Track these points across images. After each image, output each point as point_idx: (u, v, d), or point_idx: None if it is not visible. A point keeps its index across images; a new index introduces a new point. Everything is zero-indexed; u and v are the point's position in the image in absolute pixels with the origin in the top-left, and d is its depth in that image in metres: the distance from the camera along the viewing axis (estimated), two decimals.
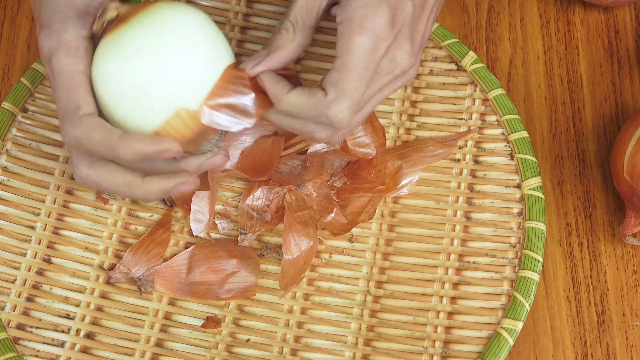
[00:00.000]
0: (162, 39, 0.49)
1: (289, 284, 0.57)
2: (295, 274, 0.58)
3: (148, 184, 0.52)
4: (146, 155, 0.49)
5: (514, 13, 0.69)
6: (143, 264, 0.59)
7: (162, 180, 0.52)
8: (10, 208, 0.61)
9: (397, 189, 0.61)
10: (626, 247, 0.61)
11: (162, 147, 0.49)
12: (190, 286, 0.59)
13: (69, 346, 0.58)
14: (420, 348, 0.57)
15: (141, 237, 0.60)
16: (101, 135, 0.50)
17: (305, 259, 0.58)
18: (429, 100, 0.64)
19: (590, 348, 0.59)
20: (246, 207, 0.60)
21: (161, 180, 0.52)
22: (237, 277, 0.59)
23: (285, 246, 0.57)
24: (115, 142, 0.49)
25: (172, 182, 0.52)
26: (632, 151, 0.59)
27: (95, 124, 0.50)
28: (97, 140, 0.50)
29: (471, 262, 0.59)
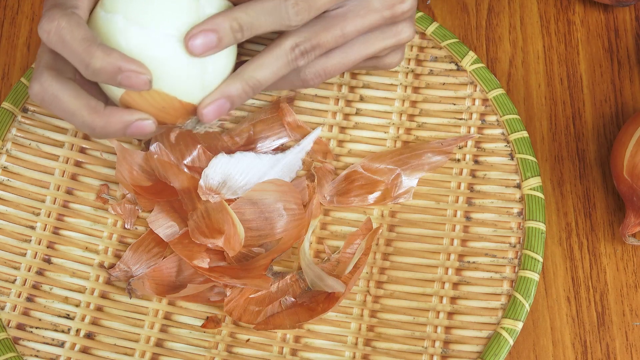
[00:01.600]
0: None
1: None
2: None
3: (110, 111, 0.49)
4: (120, 70, 0.47)
5: (514, 13, 0.69)
6: (144, 262, 0.59)
7: (125, 111, 0.49)
8: (10, 208, 0.61)
9: (394, 197, 0.61)
10: (626, 247, 0.61)
11: (139, 68, 0.47)
12: (180, 289, 0.58)
13: (69, 346, 0.58)
14: (420, 348, 0.57)
15: (141, 235, 0.60)
16: (85, 34, 0.47)
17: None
18: (429, 100, 0.64)
19: (590, 348, 0.59)
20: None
21: (124, 112, 0.49)
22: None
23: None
24: (96, 45, 0.47)
25: (134, 115, 0.49)
26: (632, 151, 0.59)
27: (84, 24, 0.48)
28: (79, 36, 0.47)
29: (471, 262, 0.59)
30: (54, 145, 0.63)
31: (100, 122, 0.49)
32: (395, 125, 0.63)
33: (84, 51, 0.47)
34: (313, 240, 0.61)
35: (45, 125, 0.63)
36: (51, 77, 0.49)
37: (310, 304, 0.58)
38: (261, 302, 0.58)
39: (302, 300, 0.58)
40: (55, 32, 0.47)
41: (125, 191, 0.61)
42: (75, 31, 0.47)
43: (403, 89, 0.64)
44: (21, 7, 0.70)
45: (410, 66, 0.65)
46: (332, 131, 0.64)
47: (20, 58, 0.68)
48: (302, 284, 0.59)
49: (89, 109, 0.49)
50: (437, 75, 0.65)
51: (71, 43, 0.47)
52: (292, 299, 0.58)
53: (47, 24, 0.47)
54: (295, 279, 0.59)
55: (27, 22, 0.69)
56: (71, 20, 0.47)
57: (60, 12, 0.48)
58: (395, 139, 0.63)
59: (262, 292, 0.58)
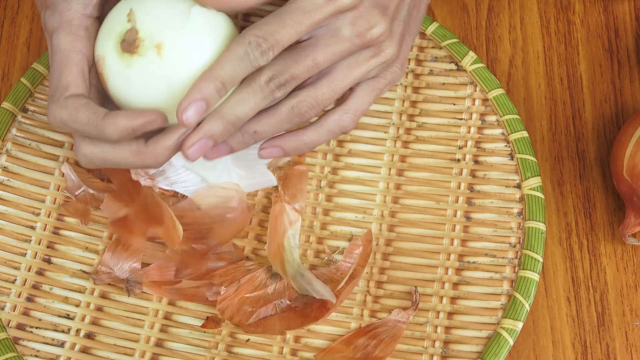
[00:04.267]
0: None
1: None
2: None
3: (153, 145, 0.50)
4: (133, 130, 0.48)
5: (514, 13, 0.69)
6: (124, 261, 0.59)
7: (166, 136, 0.50)
8: (10, 208, 0.61)
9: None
10: (626, 247, 0.61)
11: (148, 118, 0.48)
12: (178, 288, 0.59)
13: (69, 346, 0.58)
14: (420, 348, 0.57)
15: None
16: (87, 115, 0.49)
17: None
18: (429, 100, 0.64)
19: (590, 348, 0.59)
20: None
21: (164, 137, 0.50)
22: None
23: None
24: (101, 122, 0.48)
25: (174, 135, 0.50)
26: (632, 151, 0.59)
27: (80, 104, 0.49)
28: (83, 121, 0.49)
29: (471, 262, 0.59)
30: (54, 145, 0.63)
31: (150, 160, 0.50)
32: (395, 125, 0.63)
33: (95, 132, 0.49)
34: (313, 241, 0.61)
35: (45, 125, 0.63)
36: (88, 145, 0.51)
37: (303, 310, 0.58)
38: (256, 302, 0.58)
39: (296, 305, 0.58)
40: (64, 127, 0.50)
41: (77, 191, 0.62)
42: (77, 117, 0.49)
43: (403, 89, 0.64)
44: (21, 7, 0.70)
45: (410, 66, 0.65)
46: None
47: (20, 58, 0.68)
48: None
49: (133, 154, 0.50)
50: (437, 75, 0.65)
51: (81, 129, 0.49)
52: (287, 302, 0.58)
53: (53, 121, 0.50)
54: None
55: (27, 22, 0.69)
56: (69, 109, 0.49)
57: (57, 105, 0.50)
58: (395, 139, 0.63)
59: (258, 292, 0.58)
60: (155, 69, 0.49)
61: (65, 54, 0.51)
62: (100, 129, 0.49)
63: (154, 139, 0.50)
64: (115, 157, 0.50)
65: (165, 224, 0.58)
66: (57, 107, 0.49)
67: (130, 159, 0.50)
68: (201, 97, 0.49)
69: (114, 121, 0.48)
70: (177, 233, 0.58)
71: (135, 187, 0.60)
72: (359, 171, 0.63)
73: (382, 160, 0.63)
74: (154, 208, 0.59)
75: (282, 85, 0.50)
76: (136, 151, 0.50)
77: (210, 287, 0.58)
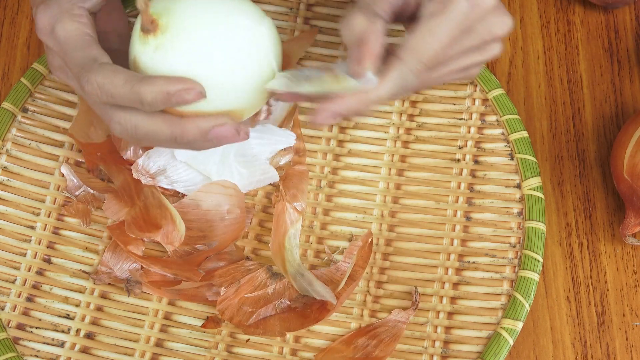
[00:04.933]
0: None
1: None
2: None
3: (187, 120, 0.50)
4: (169, 94, 0.48)
5: (514, 13, 0.69)
6: (124, 261, 0.59)
7: (202, 118, 0.50)
8: (10, 208, 0.61)
9: None
10: (626, 247, 0.61)
11: (186, 85, 0.48)
12: (178, 288, 0.58)
13: (69, 346, 0.58)
14: (420, 348, 0.57)
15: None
16: (124, 77, 0.48)
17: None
18: (429, 100, 0.64)
19: (590, 348, 0.59)
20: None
21: (201, 118, 0.50)
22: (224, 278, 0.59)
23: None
24: (138, 82, 0.48)
25: (211, 121, 0.49)
26: (632, 151, 0.59)
27: (117, 68, 0.48)
28: (120, 82, 0.48)
29: (471, 262, 0.59)
30: (54, 145, 0.63)
31: (178, 131, 0.50)
32: (395, 125, 0.63)
33: (131, 94, 0.48)
34: (313, 241, 0.61)
35: (45, 125, 0.63)
36: (122, 112, 0.50)
37: (303, 310, 0.58)
38: (256, 303, 0.58)
39: (295, 305, 0.58)
40: (100, 91, 0.49)
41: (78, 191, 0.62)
42: (115, 80, 0.48)
43: None
44: (21, 7, 0.70)
45: None
46: (332, 131, 0.64)
47: (20, 58, 0.68)
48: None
49: (165, 122, 0.50)
50: None
51: (117, 93, 0.48)
52: (287, 302, 0.58)
53: (89, 88, 0.49)
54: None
55: (27, 22, 0.69)
56: (105, 72, 0.48)
57: (92, 72, 0.49)
58: (395, 139, 0.63)
59: (258, 292, 0.58)
60: (182, 41, 0.48)
61: (79, 37, 0.50)
62: (136, 90, 0.47)
63: (190, 117, 0.50)
64: (149, 124, 0.49)
65: (165, 226, 0.58)
66: (93, 74, 0.48)
67: (161, 126, 0.49)
68: (343, 111, 0.50)
69: (152, 81, 0.47)
70: (178, 234, 0.58)
71: (137, 186, 0.60)
72: (359, 171, 0.63)
73: (382, 160, 0.63)
74: (155, 209, 0.59)
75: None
76: (169, 120, 0.49)
77: (210, 287, 0.58)
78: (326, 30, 0.66)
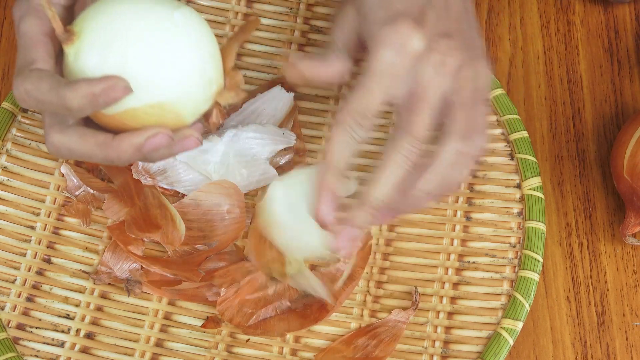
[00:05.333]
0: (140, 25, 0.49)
1: None
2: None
3: (119, 140, 0.49)
4: (95, 95, 0.47)
5: (514, 13, 0.69)
6: (124, 261, 0.59)
7: (134, 134, 0.49)
8: (10, 208, 0.61)
9: None
10: (626, 247, 0.61)
11: (109, 83, 0.47)
12: (178, 288, 0.58)
13: (69, 346, 0.58)
14: (420, 348, 0.57)
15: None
16: (49, 84, 0.48)
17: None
18: None
19: (590, 348, 0.59)
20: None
21: (132, 134, 0.49)
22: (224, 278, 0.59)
23: None
24: (62, 89, 0.47)
25: (143, 134, 0.49)
26: (632, 151, 0.59)
27: (44, 74, 0.48)
28: (45, 89, 0.48)
29: (471, 262, 0.59)
30: None
31: (113, 154, 0.49)
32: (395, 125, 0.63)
33: (56, 100, 0.47)
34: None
35: None
36: (56, 133, 0.50)
37: (303, 311, 0.58)
38: (256, 304, 0.58)
39: (295, 306, 0.58)
40: (27, 98, 0.48)
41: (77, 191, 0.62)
42: (40, 86, 0.48)
43: None
44: None
45: None
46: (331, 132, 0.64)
47: None
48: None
49: (98, 146, 0.49)
50: None
51: (43, 99, 0.48)
52: (287, 303, 0.58)
53: (17, 93, 0.49)
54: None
55: None
56: (32, 79, 0.48)
57: (22, 77, 0.49)
58: None
59: (259, 293, 0.58)
60: (96, 42, 0.48)
61: (33, 35, 0.50)
62: (61, 95, 0.47)
63: (122, 135, 0.49)
64: (81, 147, 0.49)
65: (165, 226, 0.58)
66: (22, 78, 0.48)
67: (94, 150, 0.49)
68: (327, 189, 0.50)
69: (76, 86, 0.47)
70: (178, 234, 0.58)
71: (137, 186, 0.60)
72: (359, 171, 0.62)
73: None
74: (155, 209, 0.59)
75: (412, 144, 0.50)
76: (102, 143, 0.49)
77: (210, 287, 0.58)
78: (326, 30, 0.66)
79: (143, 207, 0.59)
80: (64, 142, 0.50)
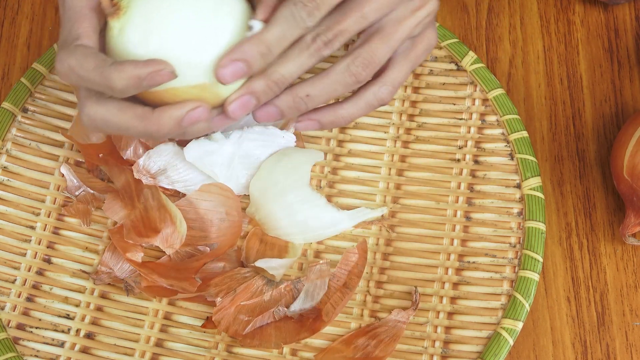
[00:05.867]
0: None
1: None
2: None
3: (160, 112, 0.49)
4: (140, 79, 0.47)
5: (514, 13, 0.69)
6: (124, 261, 0.59)
7: (174, 106, 0.49)
8: (10, 208, 0.61)
9: None
10: (626, 247, 0.61)
11: (156, 67, 0.47)
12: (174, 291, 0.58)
13: (69, 346, 0.58)
14: (420, 348, 0.57)
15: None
16: (95, 62, 0.48)
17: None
18: (429, 100, 0.64)
19: (590, 348, 0.59)
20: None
21: (173, 107, 0.49)
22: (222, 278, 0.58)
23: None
24: (108, 68, 0.47)
25: (184, 107, 0.49)
26: (632, 151, 0.59)
27: (90, 52, 0.48)
28: (90, 67, 0.48)
29: (471, 262, 0.59)
30: (54, 145, 0.63)
31: (153, 127, 0.49)
32: (395, 125, 0.63)
33: (101, 79, 0.47)
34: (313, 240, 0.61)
35: (45, 125, 0.63)
36: (93, 104, 0.50)
37: (300, 320, 0.57)
38: (252, 311, 0.57)
39: (292, 314, 0.58)
40: (70, 73, 0.48)
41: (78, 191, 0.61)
42: (85, 64, 0.48)
43: (403, 88, 0.64)
44: (21, 7, 0.70)
45: None
46: (332, 131, 0.64)
47: (20, 58, 0.68)
48: (296, 293, 0.58)
49: (137, 118, 0.49)
50: (437, 75, 0.65)
51: (87, 77, 0.48)
52: (284, 310, 0.58)
53: (60, 68, 0.49)
54: (289, 288, 0.59)
55: (27, 22, 0.69)
56: (77, 55, 0.48)
57: (66, 52, 0.48)
58: (395, 139, 0.63)
59: (255, 299, 0.58)
60: (142, 18, 0.48)
61: (77, 9, 0.50)
62: (106, 76, 0.47)
63: (162, 107, 0.49)
64: (119, 119, 0.49)
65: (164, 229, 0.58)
66: (66, 53, 0.48)
67: (133, 122, 0.49)
68: (242, 57, 0.48)
69: (121, 68, 0.47)
70: (179, 235, 0.58)
71: (138, 187, 0.60)
72: (359, 171, 0.63)
73: (382, 160, 0.63)
74: (155, 211, 0.59)
75: (329, 42, 0.50)
76: (141, 115, 0.49)
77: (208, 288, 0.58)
78: None
79: (143, 209, 0.59)
80: (101, 113, 0.49)
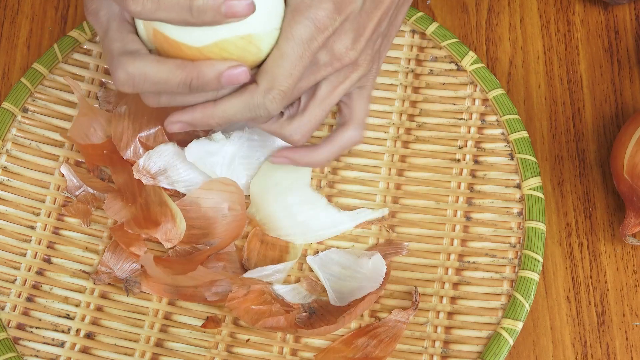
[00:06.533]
0: None
1: None
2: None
3: (202, 62, 0.49)
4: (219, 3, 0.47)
5: (514, 13, 0.69)
6: (124, 261, 0.59)
7: (216, 61, 0.50)
8: (10, 208, 0.61)
9: None
10: (626, 247, 0.61)
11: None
12: (177, 288, 0.58)
13: (69, 346, 0.58)
14: (420, 348, 0.57)
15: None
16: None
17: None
18: (429, 100, 0.64)
19: (590, 348, 0.59)
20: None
21: (215, 61, 0.50)
22: (224, 281, 0.58)
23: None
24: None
25: (226, 63, 0.50)
26: (632, 151, 0.59)
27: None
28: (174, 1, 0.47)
29: (471, 262, 0.59)
30: (54, 145, 0.63)
31: (193, 73, 0.49)
32: (395, 125, 0.63)
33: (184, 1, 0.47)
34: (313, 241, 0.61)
35: (45, 125, 0.63)
36: (130, 60, 0.49)
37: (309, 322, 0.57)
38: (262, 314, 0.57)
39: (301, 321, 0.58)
40: (150, 4, 0.48)
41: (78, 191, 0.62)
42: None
43: (403, 89, 0.64)
44: (21, 7, 0.70)
45: (410, 66, 0.65)
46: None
47: (20, 58, 0.68)
48: (303, 312, 0.58)
49: (177, 66, 0.49)
50: (437, 75, 0.65)
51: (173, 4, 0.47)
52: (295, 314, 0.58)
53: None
54: (298, 306, 0.58)
55: (27, 22, 0.69)
56: None
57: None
58: (395, 139, 0.63)
59: (264, 306, 0.58)
60: None
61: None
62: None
63: (204, 61, 0.50)
64: (158, 71, 0.49)
65: (164, 223, 0.58)
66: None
67: (174, 71, 0.49)
68: (189, 121, 0.52)
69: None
70: (178, 231, 0.58)
71: (140, 184, 0.60)
72: (359, 171, 0.63)
73: (382, 160, 0.63)
74: (156, 206, 0.59)
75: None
76: (181, 64, 0.49)
77: (209, 287, 0.58)
78: None
79: (144, 203, 0.59)
80: (139, 67, 0.49)
